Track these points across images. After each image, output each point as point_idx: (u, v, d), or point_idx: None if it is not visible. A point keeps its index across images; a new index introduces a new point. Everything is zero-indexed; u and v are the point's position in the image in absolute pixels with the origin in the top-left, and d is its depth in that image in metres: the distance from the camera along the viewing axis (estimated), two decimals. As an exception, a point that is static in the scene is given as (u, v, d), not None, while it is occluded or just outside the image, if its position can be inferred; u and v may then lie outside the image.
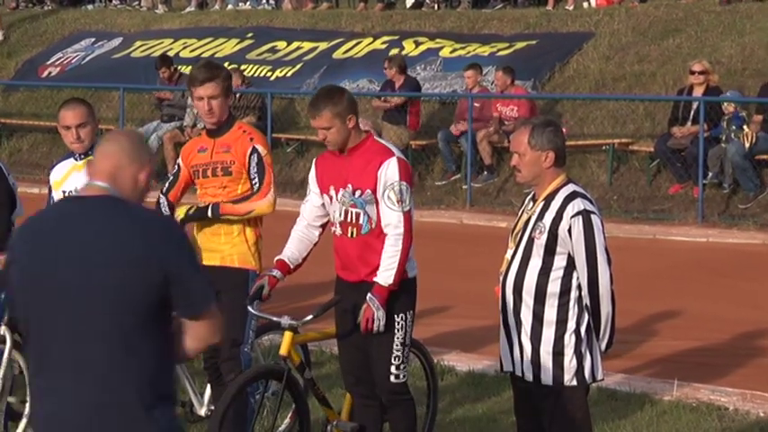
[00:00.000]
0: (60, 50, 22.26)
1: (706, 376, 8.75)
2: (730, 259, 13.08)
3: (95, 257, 3.90)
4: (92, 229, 3.95)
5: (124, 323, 3.89)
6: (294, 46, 20.12)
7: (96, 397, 3.88)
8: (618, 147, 16.11)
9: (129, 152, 4.09)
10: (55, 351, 3.92)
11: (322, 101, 6.42)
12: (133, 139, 4.19)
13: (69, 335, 3.91)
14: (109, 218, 3.97)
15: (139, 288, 3.90)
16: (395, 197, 6.23)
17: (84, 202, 4.03)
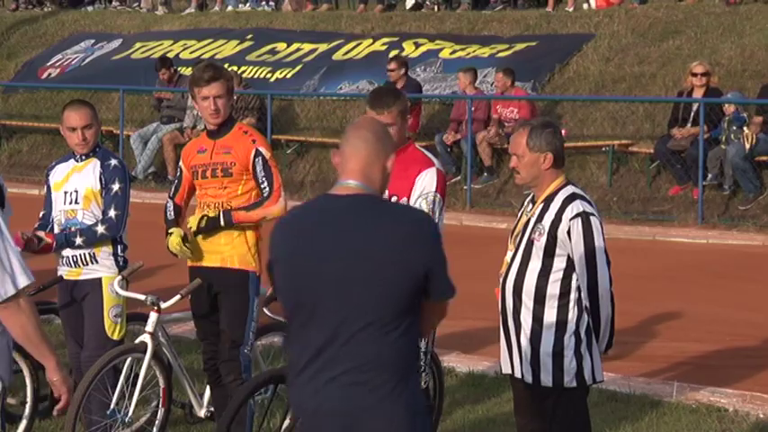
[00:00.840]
0: (60, 52, 22.26)
1: (706, 378, 8.75)
2: (730, 261, 13.08)
3: (361, 253, 4.23)
4: (356, 227, 4.26)
5: (384, 316, 4.22)
6: (294, 47, 20.12)
7: (352, 377, 4.22)
8: (618, 148, 16.11)
9: (375, 146, 4.37)
10: (320, 338, 4.23)
11: (390, 97, 6.28)
12: (376, 130, 4.46)
13: (334, 324, 4.22)
14: (371, 216, 4.28)
15: (401, 282, 4.23)
16: (426, 207, 6.18)
17: (344, 200, 4.31)
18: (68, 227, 7.12)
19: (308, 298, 4.27)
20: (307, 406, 4.31)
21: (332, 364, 4.24)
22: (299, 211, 4.50)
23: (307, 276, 4.27)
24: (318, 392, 4.25)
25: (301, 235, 4.33)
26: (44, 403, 7.67)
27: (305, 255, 4.28)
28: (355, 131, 4.46)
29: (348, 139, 4.45)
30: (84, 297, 7.14)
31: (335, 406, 4.24)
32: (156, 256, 9.92)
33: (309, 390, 4.28)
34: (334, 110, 18.77)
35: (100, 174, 7.11)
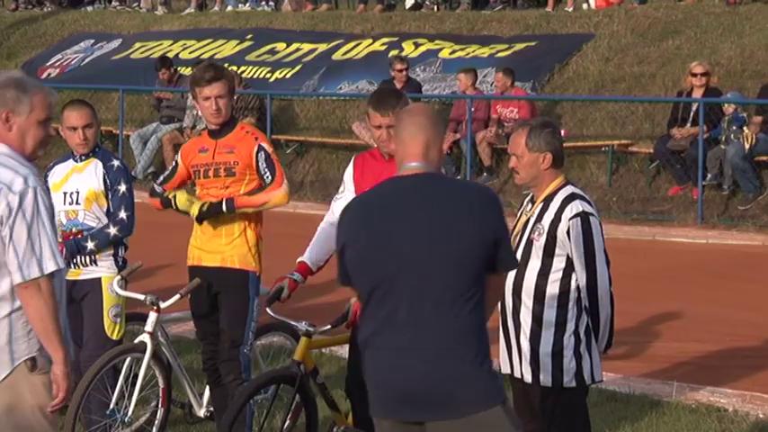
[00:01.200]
0: (60, 52, 22.25)
1: (705, 378, 8.75)
2: (730, 260, 13.08)
3: (435, 227, 4.47)
4: (426, 202, 4.51)
5: (459, 285, 4.46)
6: (293, 47, 20.12)
7: (435, 348, 4.42)
8: (617, 148, 16.11)
9: (432, 131, 4.63)
10: (399, 313, 4.44)
11: (393, 98, 6.29)
12: (430, 115, 4.71)
13: (412, 298, 4.44)
14: (439, 191, 4.56)
15: (475, 250, 4.48)
16: None
17: (411, 179, 4.56)
18: (70, 228, 7.12)
19: (387, 276, 4.46)
20: (392, 382, 4.46)
21: (416, 338, 4.43)
22: (368, 196, 4.74)
23: (384, 255, 4.48)
24: (405, 367, 4.43)
25: (374, 216, 4.55)
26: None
27: (380, 234, 4.50)
28: (411, 118, 4.67)
29: (405, 126, 4.66)
30: (83, 297, 7.14)
31: (425, 379, 4.41)
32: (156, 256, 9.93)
33: (395, 365, 4.45)
34: (334, 110, 18.77)
35: (103, 175, 7.12)
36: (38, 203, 4.76)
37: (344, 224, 4.64)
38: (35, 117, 4.93)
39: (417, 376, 4.44)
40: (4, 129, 4.90)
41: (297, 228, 10.14)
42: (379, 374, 4.51)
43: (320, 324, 6.54)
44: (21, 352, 4.83)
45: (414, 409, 4.46)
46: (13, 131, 4.91)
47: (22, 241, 4.72)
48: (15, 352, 4.82)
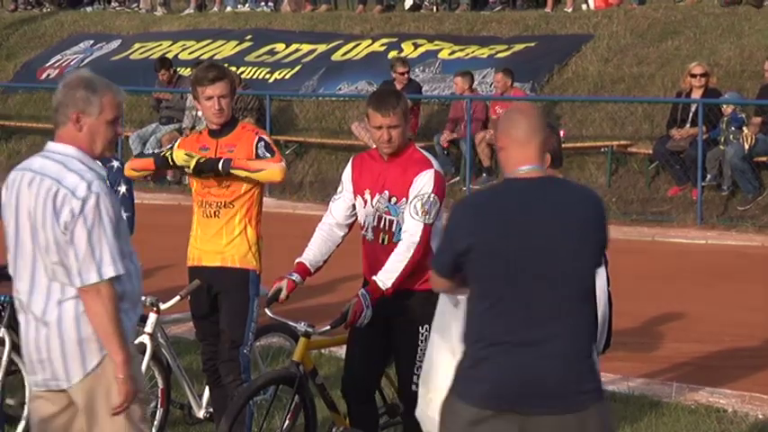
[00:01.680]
0: (59, 52, 22.25)
1: (705, 378, 8.75)
2: (729, 261, 13.08)
3: (561, 230, 4.65)
4: (550, 206, 4.67)
5: (583, 284, 4.71)
6: (293, 48, 20.12)
7: (568, 344, 4.62)
8: (616, 149, 16.11)
9: (544, 133, 4.79)
10: (534, 310, 4.60)
11: (393, 98, 6.30)
12: (540, 117, 4.84)
13: (546, 296, 4.61)
14: (561, 195, 4.75)
15: (593, 255, 4.74)
16: (421, 207, 6.18)
17: (533, 182, 4.70)
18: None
19: (522, 275, 4.60)
20: (526, 375, 4.59)
21: (551, 334, 4.61)
22: (486, 197, 4.83)
23: (511, 256, 4.60)
24: (541, 362, 4.59)
25: (498, 218, 4.67)
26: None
27: (507, 236, 4.62)
28: (527, 120, 4.77)
29: (521, 126, 4.74)
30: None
31: (560, 372, 4.61)
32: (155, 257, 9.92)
33: (531, 360, 4.60)
34: (333, 110, 18.77)
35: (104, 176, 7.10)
36: (99, 209, 4.80)
37: (466, 227, 4.70)
38: (104, 117, 4.96)
39: (553, 370, 4.62)
40: (75, 129, 4.95)
41: (295, 228, 10.14)
42: (512, 369, 4.62)
43: (319, 325, 6.54)
44: None
45: (541, 402, 4.63)
46: (84, 132, 4.95)
47: (81, 246, 4.78)
48: (103, 340, 4.87)
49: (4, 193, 5.05)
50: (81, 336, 4.88)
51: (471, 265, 4.67)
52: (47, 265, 4.88)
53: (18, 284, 5.00)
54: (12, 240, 5.00)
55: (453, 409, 4.71)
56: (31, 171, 4.97)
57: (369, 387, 6.57)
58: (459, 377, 4.73)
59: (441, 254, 4.85)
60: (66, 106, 4.95)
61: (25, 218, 4.91)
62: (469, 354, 4.70)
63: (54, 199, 4.81)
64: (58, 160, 4.91)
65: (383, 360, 6.58)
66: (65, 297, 4.88)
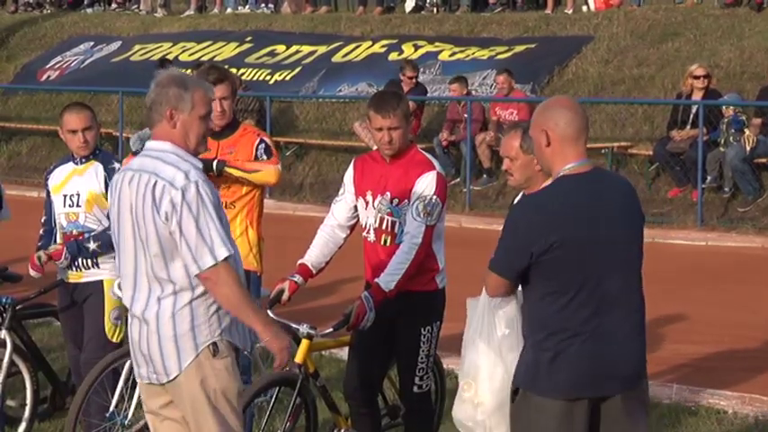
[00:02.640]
0: (59, 54, 22.26)
1: (705, 380, 8.75)
2: (729, 263, 13.08)
3: (629, 219, 5.02)
4: (616, 196, 5.03)
5: (640, 270, 5.01)
6: (293, 49, 20.12)
7: (636, 327, 4.95)
8: (617, 150, 16.12)
9: (587, 125, 4.99)
10: (611, 298, 4.86)
11: (394, 100, 6.32)
12: (581, 108, 5.00)
13: (621, 284, 4.90)
14: (618, 185, 5.14)
15: (641, 237, 5.06)
16: (423, 209, 6.19)
17: (595, 174, 4.98)
18: (70, 230, 7.13)
19: (590, 268, 4.85)
20: (608, 359, 4.86)
21: (626, 319, 4.90)
22: (550, 196, 4.92)
23: (586, 249, 4.83)
24: (620, 346, 4.89)
25: (571, 214, 4.85)
26: (44, 405, 7.67)
27: (582, 230, 4.85)
28: (577, 115, 4.94)
29: (571, 123, 4.90)
30: (85, 299, 7.15)
31: (633, 354, 4.93)
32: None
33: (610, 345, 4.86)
34: (334, 112, 18.77)
35: (105, 177, 7.11)
36: (201, 195, 4.94)
37: (545, 223, 4.84)
38: (197, 113, 5.09)
39: (625, 354, 4.90)
40: (169, 125, 5.07)
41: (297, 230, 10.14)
42: (593, 357, 4.85)
43: (321, 327, 6.54)
44: (203, 337, 5.04)
45: (617, 385, 4.90)
46: (177, 128, 5.06)
47: (192, 234, 4.92)
48: (198, 337, 5.03)
49: (110, 195, 5.23)
50: (176, 332, 5.02)
51: (551, 263, 4.82)
52: (148, 260, 5.00)
53: (123, 284, 5.16)
54: (116, 242, 5.17)
55: (538, 407, 4.87)
56: (131, 170, 5.11)
57: (371, 389, 6.58)
58: (540, 374, 4.86)
59: (507, 256, 4.93)
60: (159, 104, 5.07)
61: (127, 215, 5.06)
62: (546, 348, 4.85)
63: (153, 191, 4.95)
64: (155, 156, 5.06)
65: (385, 362, 6.59)
66: (163, 295, 5.03)
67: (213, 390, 5.07)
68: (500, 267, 4.96)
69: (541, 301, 4.89)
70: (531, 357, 4.91)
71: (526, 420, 4.93)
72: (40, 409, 7.60)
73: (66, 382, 7.73)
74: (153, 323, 5.05)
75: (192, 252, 4.92)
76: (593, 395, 4.90)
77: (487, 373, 5.14)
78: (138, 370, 5.24)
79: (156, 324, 5.04)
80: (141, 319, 5.08)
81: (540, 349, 4.87)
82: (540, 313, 4.90)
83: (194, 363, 5.04)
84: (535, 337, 4.91)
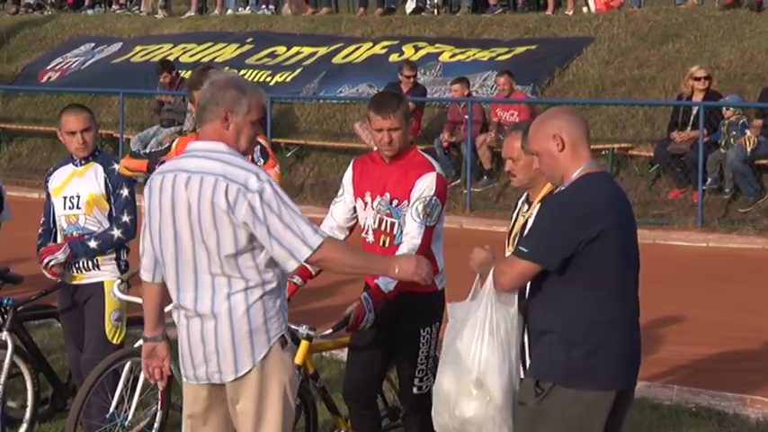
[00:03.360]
0: (60, 55, 22.27)
1: (706, 381, 8.75)
2: (730, 264, 13.08)
3: (631, 214, 5.30)
4: (624, 196, 5.27)
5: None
6: (294, 51, 20.13)
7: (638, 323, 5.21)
8: (617, 151, 16.12)
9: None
10: (632, 290, 5.20)
11: (394, 101, 6.32)
12: (578, 113, 5.29)
13: (635, 276, 5.26)
14: (620, 187, 5.37)
15: None
16: (422, 210, 6.19)
17: (602, 175, 5.21)
18: (70, 232, 7.13)
19: (628, 259, 5.17)
20: (631, 354, 5.13)
21: (636, 313, 5.22)
22: (586, 189, 5.08)
23: (623, 241, 5.14)
24: (637, 341, 5.17)
25: (610, 206, 5.10)
26: (44, 406, 7.67)
27: (620, 222, 5.14)
28: (578, 117, 5.20)
29: (578, 124, 5.15)
30: (86, 301, 7.15)
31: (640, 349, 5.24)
32: (157, 260, 9.88)
33: (633, 339, 5.13)
34: (334, 113, 18.78)
35: (105, 179, 7.11)
36: (277, 192, 5.00)
37: (594, 212, 5.02)
38: (250, 117, 5.14)
39: (639, 344, 5.21)
40: (223, 126, 5.10)
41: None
42: (628, 347, 5.10)
43: (321, 328, 6.54)
44: (274, 330, 5.11)
45: (636, 376, 5.24)
46: (230, 130, 5.10)
47: (280, 232, 4.97)
48: (270, 330, 5.09)
49: (151, 198, 5.16)
50: (251, 327, 5.05)
51: (594, 252, 5.00)
52: (213, 259, 5.01)
53: (181, 285, 5.12)
54: (164, 243, 5.12)
55: (574, 400, 4.97)
56: (185, 171, 5.08)
57: (370, 390, 6.57)
58: (577, 367, 4.98)
59: (551, 244, 5.00)
60: (216, 104, 5.10)
61: (184, 219, 5.04)
62: (583, 341, 4.98)
63: (226, 194, 4.95)
64: (214, 158, 5.05)
65: (385, 363, 6.58)
66: (233, 290, 5.04)
67: (282, 382, 5.12)
68: (540, 255, 5.01)
69: (580, 293, 5.00)
70: (565, 350, 4.99)
71: (562, 414, 4.99)
72: (41, 410, 7.59)
73: (66, 384, 7.73)
74: (225, 320, 5.04)
75: (288, 249, 4.97)
76: (626, 387, 5.15)
77: (498, 369, 5.16)
78: (191, 372, 5.19)
79: (228, 320, 5.04)
80: (210, 316, 5.07)
81: (576, 343, 4.98)
82: (577, 307, 5.00)
83: (267, 356, 5.08)
84: (569, 331, 5.00)
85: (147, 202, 5.19)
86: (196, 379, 5.19)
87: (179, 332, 5.20)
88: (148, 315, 5.41)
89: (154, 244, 5.19)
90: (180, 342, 5.20)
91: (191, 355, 5.16)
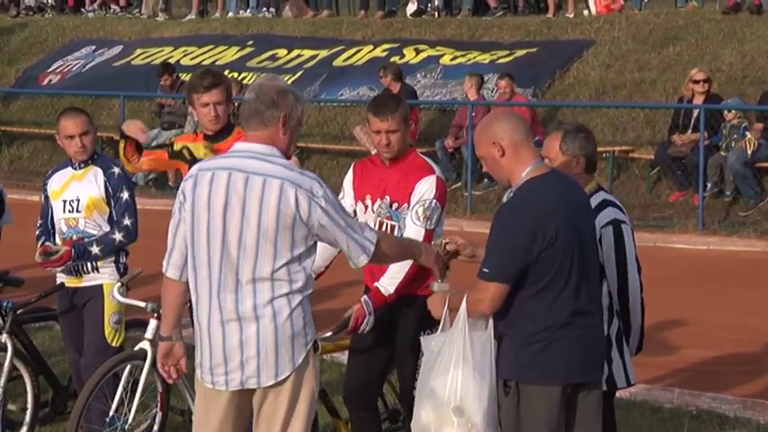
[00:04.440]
0: (61, 58, 22.27)
1: (707, 384, 8.75)
2: (731, 267, 13.08)
3: (583, 211, 5.26)
4: (579, 197, 5.27)
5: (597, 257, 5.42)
6: (294, 53, 20.13)
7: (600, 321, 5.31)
8: (618, 154, 16.11)
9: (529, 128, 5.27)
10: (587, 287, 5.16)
11: (393, 103, 6.31)
12: (518, 114, 5.39)
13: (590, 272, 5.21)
14: (576, 187, 5.32)
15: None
16: (422, 213, 6.18)
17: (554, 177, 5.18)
18: (70, 235, 7.12)
19: (579, 260, 5.10)
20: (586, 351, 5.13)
21: (594, 310, 5.23)
22: (538, 192, 5.08)
23: (576, 242, 5.09)
24: (593, 339, 5.18)
25: (559, 208, 5.07)
26: (44, 409, 7.67)
27: (570, 224, 5.08)
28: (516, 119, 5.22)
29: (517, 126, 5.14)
30: (85, 304, 7.14)
31: (600, 348, 5.28)
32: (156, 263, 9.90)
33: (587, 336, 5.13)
34: (335, 116, 18.78)
35: (104, 182, 7.10)
36: (334, 198, 5.13)
37: (547, 215, 5.04)
38: (298, 125, 5.18)
39: (599, 343, 5.26)
40: (281, 131, 5.11)
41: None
42: (580, 344, 5.11)
43: (321, 330, 6.53)
44: (311, 335, 5.14)
45: (599, 372, 5.27)
46: (286, 135, 5.12)
47: (350, 232, 5.12)
48: (308, 335, 5.12)
49: (197, 192, 5.06)
50: (294, 331, 5.04)
51: (546, 258, 5.00)
52: (267, 265, 4.98)
53: (222, 285, 5.03)
54: (210, 241, 5.04)
55: (532, 395, 5.04)
56: (241, 171, 5.02)
57: (371, 393, 6.56)
58: (533, 362, 5.04)
59: (506, 260, 5.03)
60: (276, 108, 5.08)
61: (236, 218, 4.99)
62: (538, 339, 5.04)
63: (296, 200, 4.97)
64: (272, 161, 5.04)
65: (385, 366, 6.57)
66: (277, 294, 5.03)
67: (312, 387, 5.15)
68: (499, 274, 5.02)
69: (531, 297, 5.03)
70: (521, 349, 5.05)
71: (523, 411, 5.04)
72: (41, 413, 7.59)
73: (66, 387, 7.72)
74: (270, 324, 5.00)
75: (361, 245, 5.12)
76: (585, 380, 5.15)
77: (477, 395, 5.14)
78: (221, 378, 5.07)
79: (273, 324, 5.00)
80: (252, 319, 5.00)
81: (532, 341, 5.04)
82: (530, 309, 5.04)
83: (304, 361, 5.08)
84: (524, 331, 5.05)
85: (191, 197, 5.07)
86: (225, 385, 5.08)
87: (209, 338, 5.06)
88: (169, 313, 5.27)
89: (195, 240, 5.07)
90: (210, 348, 5.06)
91: (224, 360, 5.05)
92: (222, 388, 5.09)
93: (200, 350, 5.12)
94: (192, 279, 5.12)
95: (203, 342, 5.10)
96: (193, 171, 5.16)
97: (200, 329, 5.11)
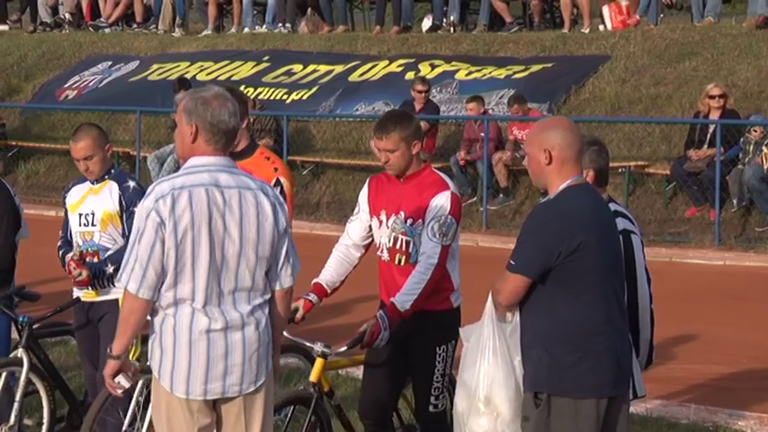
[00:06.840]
0: (77, 73, 22.33)
1: (723, 400, 8.72)
2: (747, 282, 13.03)
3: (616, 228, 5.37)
4: (606, 207, 5.41)
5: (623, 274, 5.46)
6: (310, 69, 20.15)
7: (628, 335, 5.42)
8: (634, 169, 16.09)
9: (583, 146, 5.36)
10: (618, 300, 5.24)
11: (391, 123, 6.35)
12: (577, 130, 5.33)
13: (621, 287, 5.32)
14: (603, 199, 5.51)
15: None
16: (438, 229, 6.20)
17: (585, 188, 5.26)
18: (86, 248, 7.13)
19: (608, 268, 5.17)
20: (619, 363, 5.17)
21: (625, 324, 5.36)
22: (570, 201, 5.14)
23: (607, 250, 5.17)
24: (625, 351, 5.26)
25: (594, 216, 5.18)
26: (60, 424, 7.68)
27: (601, 232, 5.18)
28: (574, 136, 5.20)
29: (572, 143, 5.17)
30: (100, 318, 7.15)
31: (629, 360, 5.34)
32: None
33: (619, 348, 5.19)
34: (350, 131, 18.78)
35: (119, 196, 7.12)
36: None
37: (575, 223, 5.09)
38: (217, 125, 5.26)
39: (629, 355, 5.33)
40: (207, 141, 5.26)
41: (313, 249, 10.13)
42: (614, 356, 5.16)
43: (336, 345, 6.53)
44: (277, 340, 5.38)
45: (627, 384, 5.30)
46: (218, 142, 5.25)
47: (290, 249, 5.33)
48: (272, 341, 5.29)
49: (178, 211, 5.06)
50: (269, 337, 5.24)
51: (573, 264, 5.03)
52: (251, 272, 5.14)
53: (209, 298, 5.10)
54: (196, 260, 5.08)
55: (564, 408, 5.05)
56: (216, 186, 5.13)
57: (386, 408, 6.56)
58: (566, 375, 5.05)
59: (532, 256, 5.11)
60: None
61: (220, 235, 5.10)
62: (569, 351, 5.06)
63: (273, 207, 5.19)
64: (236, 173, 5.22)
65: (400, 381, 6.57)
66: (256, 302, 5.19)
67: (273, 390, 5.35)
68: (524, 267, 5.08)
69: (562, 304, 5.05)
70: (553, 360, 5.05)
71: (554, 424, 5.05)
72: (57, 427, 7.60)
73: (83, 401, 7.72)
74: (254, 332, 5.16)
75: (291, 267, 5.24)
76: (616, 393, 5.16)
77: (504, 385, 5.19)
78: (200, 388, 5.11)
79: (256, 332, 5.16)
80: (238, 327, 5.13)
81: (563, 353, 5.05)
82: (560, 317, 5.05)
83: (270, 365, 5.27)
84: (554, 340, 5.05)
85: (171, 216, 5.03)
86: (204, 395, 5.13)
87: (188, 349, 5.07)
88: (130, 333, 5.17)
89: (179, 257, 5.04)
90: (188, 359, 5.08)
91: (207, 370, 5.10)
92: (199, 398, 5.12)
93: (171, 362, 5.10)
94: (172, 295, 5.09)
95: (179, 353, 5.09)
96: (165, 190, 5.07)
97: (177, 342, 5.09)
